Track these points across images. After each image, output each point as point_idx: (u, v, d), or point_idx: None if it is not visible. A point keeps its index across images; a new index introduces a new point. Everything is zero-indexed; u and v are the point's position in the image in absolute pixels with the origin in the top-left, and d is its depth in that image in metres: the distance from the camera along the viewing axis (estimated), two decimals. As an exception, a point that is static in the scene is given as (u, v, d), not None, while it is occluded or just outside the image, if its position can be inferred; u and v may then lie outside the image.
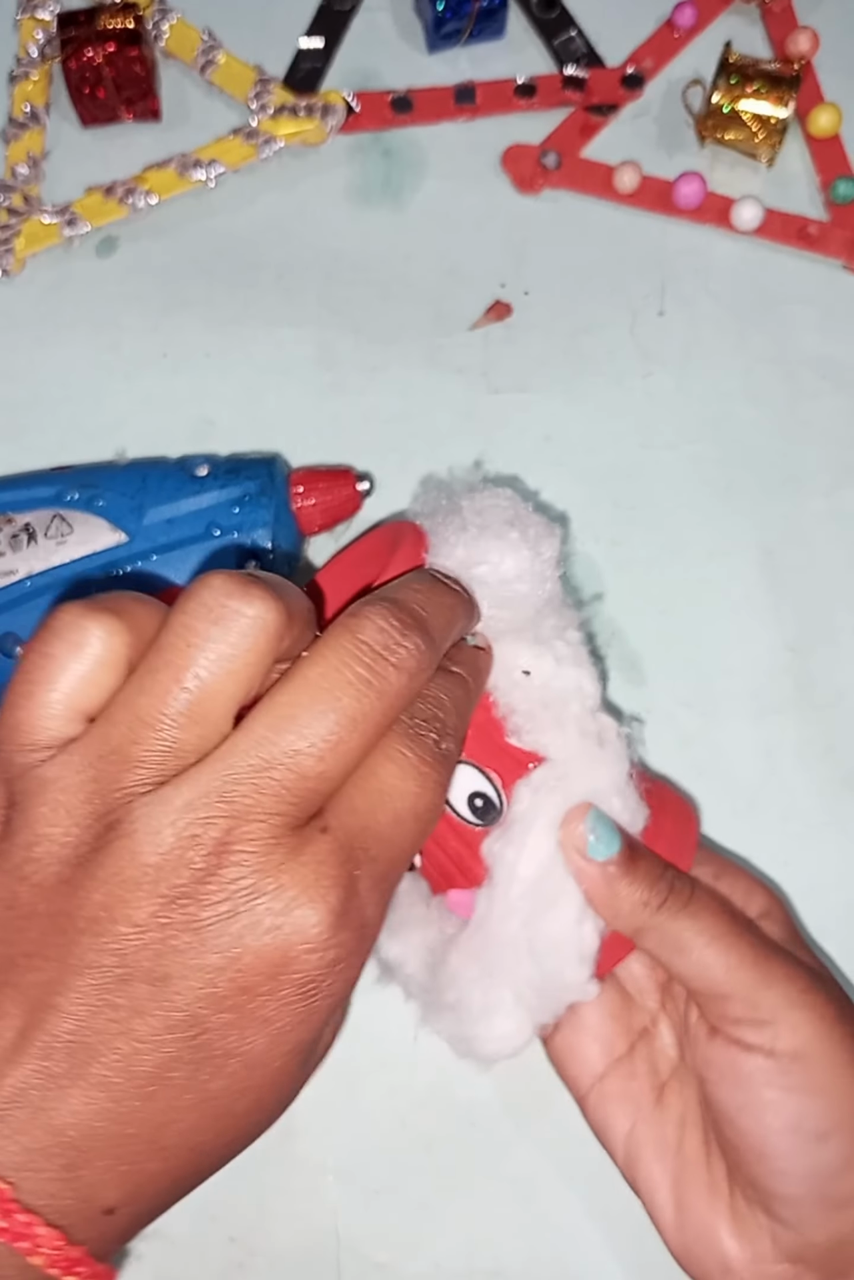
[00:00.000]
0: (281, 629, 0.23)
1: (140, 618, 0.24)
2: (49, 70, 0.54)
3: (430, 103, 0.53)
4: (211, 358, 0.49)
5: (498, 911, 0.29)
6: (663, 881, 0.29)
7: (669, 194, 0.51)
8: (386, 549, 0.33)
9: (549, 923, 0.29)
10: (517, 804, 0.29)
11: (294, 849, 0.22)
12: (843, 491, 0.47)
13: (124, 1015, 0.21)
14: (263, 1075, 0.22)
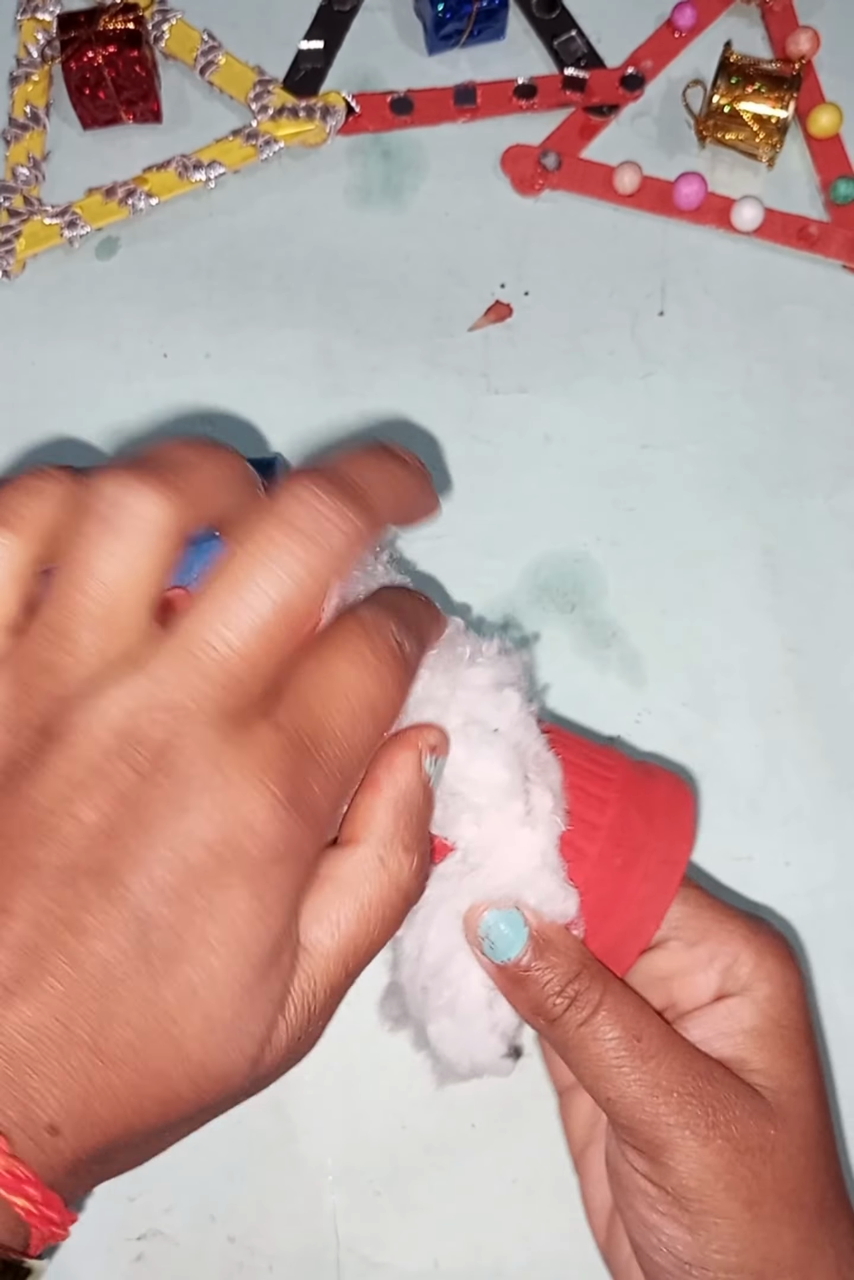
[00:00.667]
0: (179, 521, 0.23)
1: (41, 516, 0.23)
2: (49, 71, 0.54)
3: (430, 104, 0.53)
4: (212, 358, 0.49)
5: (410, 994, 0.29)
6: (568, 989, 0.27)
7: (669, 194, 0.51)
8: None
9: (459, 1007, 0.28)
10: (429, 889, 0.27)
11: (241, 743, 0.21)
12: (843, 492, 0.47)
13: (73, 914, 0.20)
14: (214, 990, 0.21)
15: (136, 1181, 0.38)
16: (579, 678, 0.44)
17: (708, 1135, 0.27)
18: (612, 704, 0.44)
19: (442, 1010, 0.28)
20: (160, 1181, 0.38)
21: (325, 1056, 0.39)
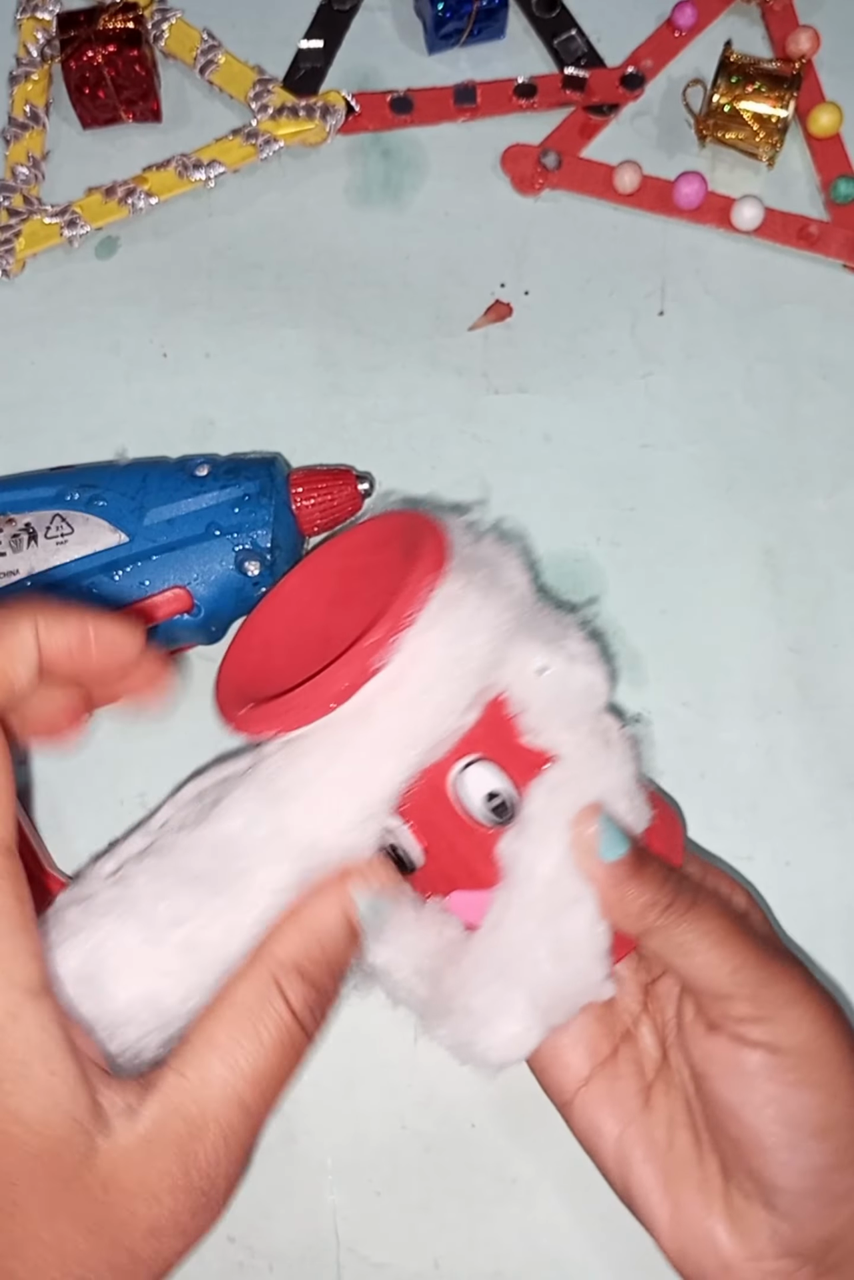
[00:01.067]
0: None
1: None
2: (49, 71, 0.54)
3: (430, 103, 0.53)
4: (211, 358, 0.49)
5: (516, 912, 0.28)
6: (669, 884, 0.29)
7: (669, 194, 0.51)
8: (398, 543, 0.31)
9: (568, 923, 0.28)
10: (532, 804, 0.29)
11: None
12: (844, 491, 0.47)
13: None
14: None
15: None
16: (579, 678, 0.44)
17: (813, 998, 0.29)
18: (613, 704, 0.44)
19: (557, 927, 0.28)
20: (160, 1181, 0.38)
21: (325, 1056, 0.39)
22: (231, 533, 0.41)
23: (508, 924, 0.29)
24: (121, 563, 0.41)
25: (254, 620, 0.34)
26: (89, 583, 0.41)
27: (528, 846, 0.28)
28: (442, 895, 0.31)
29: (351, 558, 0.34)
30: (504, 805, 0.29)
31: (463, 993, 0.29)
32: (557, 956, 0.28)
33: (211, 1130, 0.23)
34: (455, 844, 0.29)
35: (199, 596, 0.41)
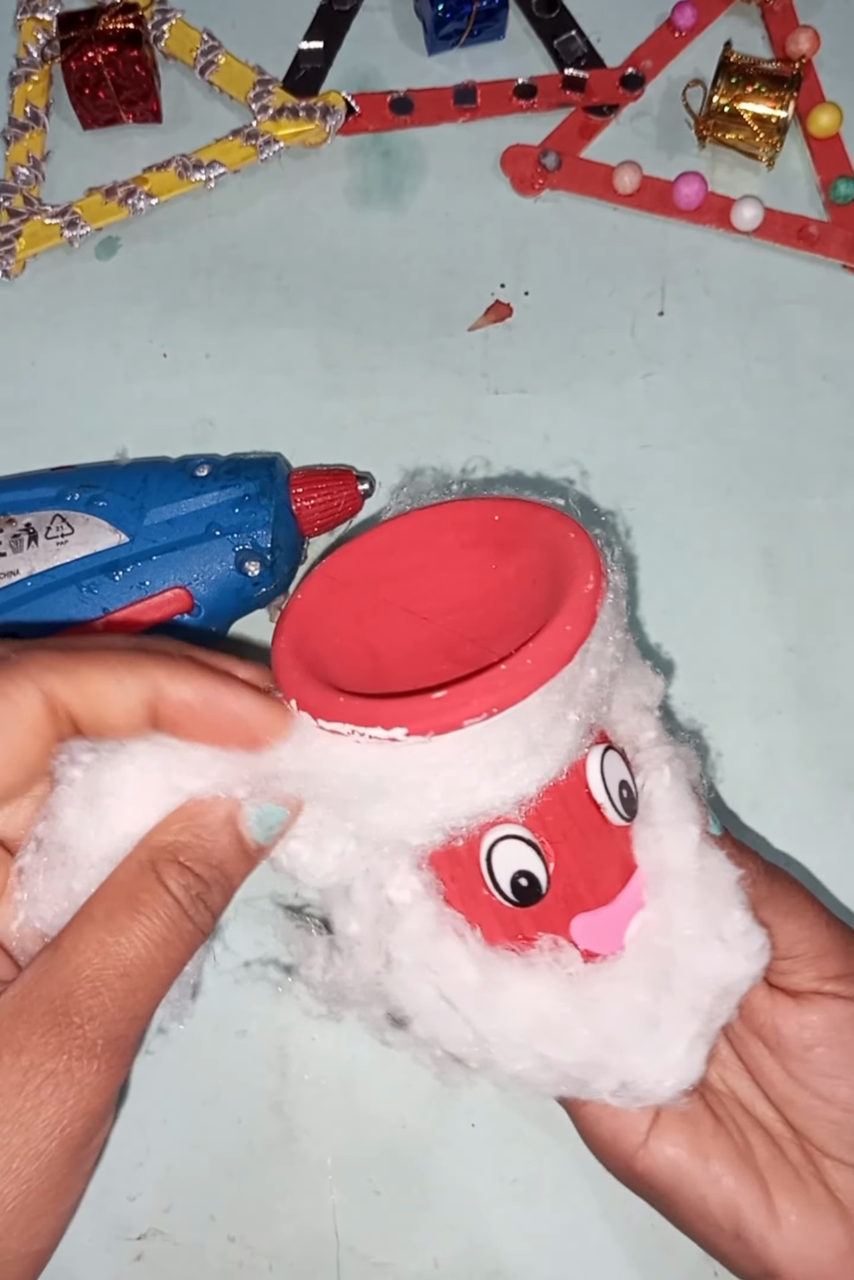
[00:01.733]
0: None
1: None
2: (49, 71, 0.54)
3: (430, 104, 0.53)
4: (212, 358, 0.49)
5: (672, 909, 0.26)
6: (757, 857, 0.30)
7: (669, 194, 0.51)
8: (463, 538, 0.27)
9: (724, 908, 0.26)
10: (656, 790, 0.27)
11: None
12: (843, 491, 0.47)
13: None
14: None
15: (136, 1181, 0.38)
16: (579, 678, 0.44)
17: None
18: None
19: (718, 924, 0.27)
20: (160, 1181, 0.38)
21: (325, 1056, 0.39)
22: (232, 533, 0.41)
23: (659, 928, 0.26)
24: (122, 563, 0.41)
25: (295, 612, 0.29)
26: (89, 583, 0.41)
27: (669, 833, 0.26)
28: (560, 927, 0.26)
29: (380, 562, 0.29)
30: (632, 797, 0.27)
31: (620, 1033, 0.26)
32: (720, 948, 0.26)
33: (84, 988, 0.24)
34: (586, 849, 0.26)
35: (199, 597, 0.41)
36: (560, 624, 0.24)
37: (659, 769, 0.27)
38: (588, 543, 0.26)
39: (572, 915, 0.26)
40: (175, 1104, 0.39)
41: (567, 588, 0.25)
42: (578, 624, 0.24)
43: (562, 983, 0.25)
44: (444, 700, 0.23)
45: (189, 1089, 0.39)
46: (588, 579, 0.25)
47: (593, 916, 0.26)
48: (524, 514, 0.28)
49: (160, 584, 0.41)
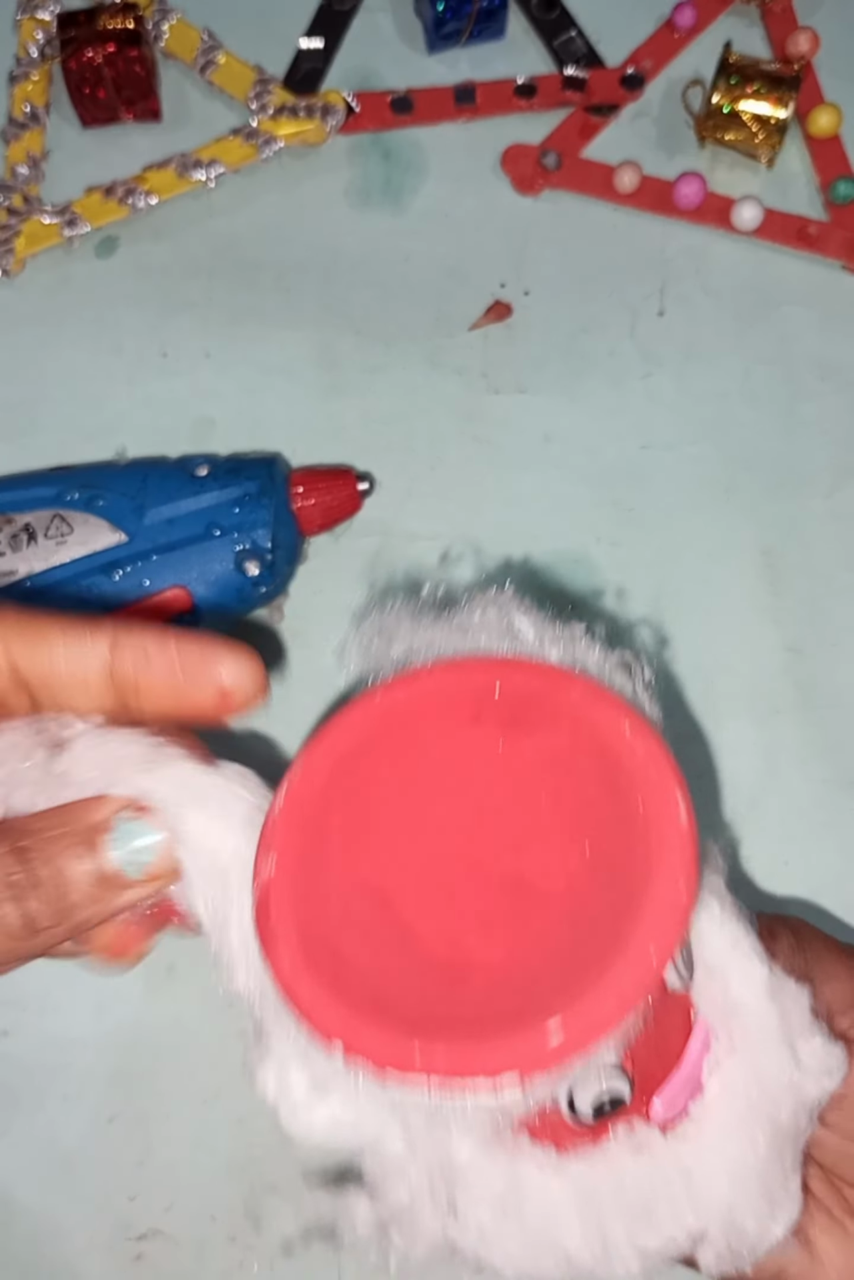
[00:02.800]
0: None
1: None
2: (49, 70, 0.54)
3: (430, 103, 0.53)
4: (212, 358, 0.49)
5: (754, 1053, 0.24)
6: (793, 936, 0.28)
7: (669, 194, 0.51)
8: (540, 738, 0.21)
9: (805, 1043, 0.24)
10: (706, 939, 0.24)
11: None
12: (843, 492, 0.47)
13: None
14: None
15: (136, 1181, 0.38)
16: (579, 678, 0.44)
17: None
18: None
19: (787, 1079, 0.24)
20: (160, 1181, 0.38)
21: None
22: (232, 532, 0.41)
23: (735, 1071, 0.24)
24: (121, 563, 0.41)
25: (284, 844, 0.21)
26: (88, 583, 0.41)
27: (734, 975, 0.24)
28: (637, 1114, 0.23)
29: (356, 769, 0.22)
30: (690, 954, 0.24)
31: (717, 1195, 0.23)
32: (799, 1074, 0.24)
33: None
34: (657, 1030, 0.22)
35: (199, 596, 0.41)
36: (647, 937, 0.19)
37: (707, 903, 0.24)
38: (659, 757, 0.21)
39: (648, 1101, 0.23)
40: (175, 1104, 0.39)
41: (632, 817, 0.20)
42: (675, 929, 0.19)
43: (646, 1165, 0.23)
44: (562, 1038, 0.18)
45: (189, 1089, 0.39)
46: (677, 849, 0.20)
47: (666, 1087, 0.23)
48: (540, 686, 0.21)
49: (160, 584, 0.41)
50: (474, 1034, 0.18)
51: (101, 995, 0.40)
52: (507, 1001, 0.18)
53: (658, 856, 0.19)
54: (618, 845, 0.20)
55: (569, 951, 0.19)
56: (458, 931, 0.19)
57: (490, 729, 0.21)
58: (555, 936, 0.19)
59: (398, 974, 0.19)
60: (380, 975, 0.19)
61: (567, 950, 0.19)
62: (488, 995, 0.19)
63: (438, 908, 0.20)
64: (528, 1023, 0.18)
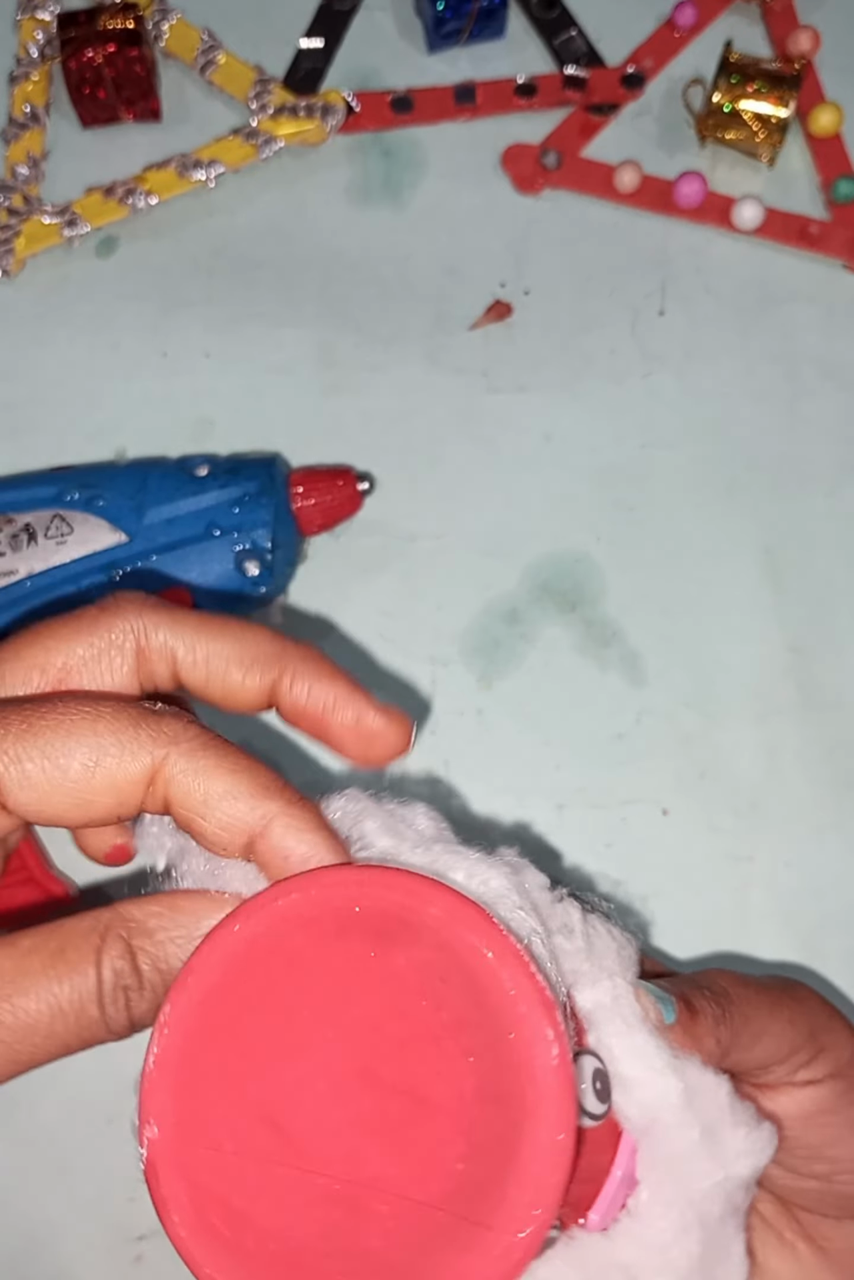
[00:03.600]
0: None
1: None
2: (49, 70, 0.54)
3: (430, 102, 0.53)
4: (211, 358, 0.49)
5: (681, 1160, 0.24)
6: (721, 1025, 0.27)
7: (670, 194, 0.51)
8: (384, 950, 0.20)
9: (732, 1135, 0.25)
10: (617, 1053, 0.24)
11: None
12: (844, 491, 0.47)
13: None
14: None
15: (136, 1182, 0.38)
16: (580, 678, 0.44)
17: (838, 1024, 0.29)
18: (613, 704, 0.44)
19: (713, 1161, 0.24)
20: (160, 1182, 0.38)
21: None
22: (231, 532, 0.41)
23: (666, 1179, 0.24)
24: (121, 563, 0.41)
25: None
26: (89, 583, 0.41)
27: (646, 1094, 0.24)
28: (579, 1226, 0.24)
29: (226, 1003, 0.20)
30: (606, 1081, 0.24)
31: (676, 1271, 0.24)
32: (733, 1160, 0.25)
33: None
34: (581, 1165, 0.22)
35: (199, 596, 0.41)
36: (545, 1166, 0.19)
37: (616, 1019, 0.24)
38: (527, 990, 0.19)
39: (582, 1215, 0.24)
40: (175, 1105, 0.39)
41: (508, 1045, 0.19)
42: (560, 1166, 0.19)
43: (590, 1268, 0.23)
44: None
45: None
46: (549, 1090, 0.19)
47: (599, 1201, 0.24)
48: (397, 903, 0.20)
49: (160, 583, 0.41)
50: (382, 1276, 0.18)
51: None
52: (405, 1248, 0.18)
53: (534, 1097, 0.19)
54: (500, 1070, 0.19)
55: (465, 1172, 0.19)
56: (353, 1148, 0.19)
57: (357, 942, 0.20)
58: (450, 1157, 0.19)
59: (297, 1219, 0.19)
60: (279, 1226, 0.19)
61: (463, 1170, 0.19)
62: (388, 1238, 0.19)
63: (331, 1127, 0.19)
64: (434, 1264, 0.18)
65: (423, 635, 0.45)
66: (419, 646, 0.45)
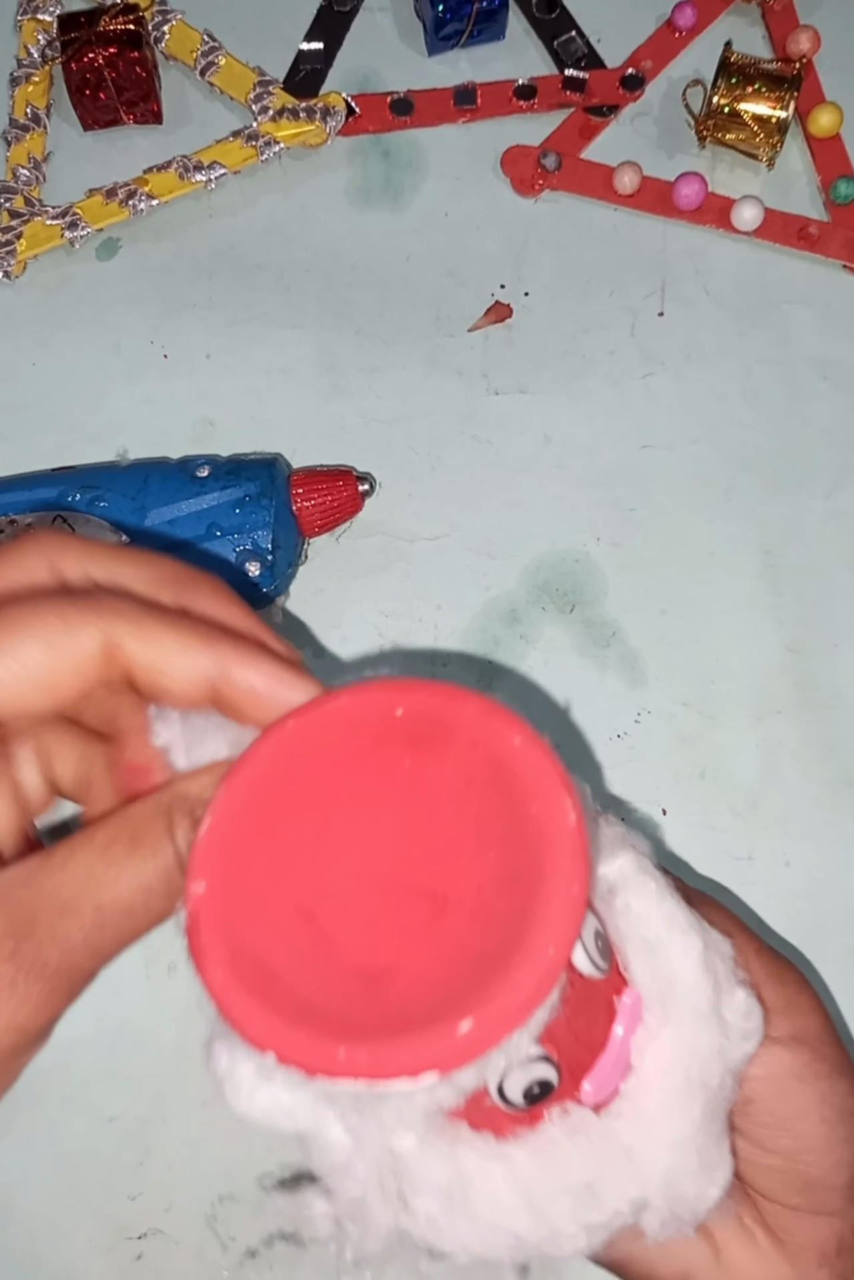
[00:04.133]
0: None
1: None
2: (50, 72, 0.54)
3: (430, 104, 0.53)
4: (212, 359, 0.50)
5: (685, 1023, 0.24)
6: (686, 891, 0.28)
7: (669, 195, 0.51)
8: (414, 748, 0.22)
9: (730, 999, 0.25)
10: (642, 904, 0.25)
11: None
12: (843, 492, 0.47)
13: None
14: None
15: (137, 1181, 0.38)
16: (579, 678, 0.44)
17: (809, 990, 0.29)
18: (612, 704, 0.44)
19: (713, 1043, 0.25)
20: (160, 1181, 0.38)
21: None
22: (232, 533, 0.41)
23: (665, 1044, 0.24)
24: (122, 563, 0.41)
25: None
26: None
27: (670, 949, 0.25)
28: (568, 1097, 0.24)
29: (271, 796, 0.23)
30: (606, 943, 0.25)
31: (659, 1167, 0.24)
32: (724, 1036, 0.25)
33: (55, 907, 0.23)
34: (579, 1019, 0.24)
35: (199, 597, 0.41)
36: (553, 918, 0.20)
37: (642, 883, 0.25)
38: (547, 766, 0.22)
39: (578, 1085, 0.24)
40: (175, 1104, 0.39)
41: (528, 824, 0.21)
42: (573, 917, 0.20)
43: (583, 1144, 0.24)
44: (474, 1034, 0.19)
45: (189, 1089, 0.39)
46: (568, 847, 0.21)
47: (594, 1072, 0.24)
48: (437, 705, 0.23)
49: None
50: (396, 1034, 0.19)
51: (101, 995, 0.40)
52: (424, 1003, 0.20)
53: (551, 858, 0.21)
54: (519, 851, 0.21)
55: (480, 953, 0.20)
56: (377, 940, 0.21)
57: (395, 750, 0.22)
58: (467, 940, 0.20)
59: (323, 982, 0.20)
60: (307, 985, 0.20)
61: (477, 952, 0.20)
62: (408, 998, 0.20)
63: (358, 920, 0.21)
64: (443, 1021, 0.19)
65: (423, 635, 0.45)
66: (419, 646, 0.45)
